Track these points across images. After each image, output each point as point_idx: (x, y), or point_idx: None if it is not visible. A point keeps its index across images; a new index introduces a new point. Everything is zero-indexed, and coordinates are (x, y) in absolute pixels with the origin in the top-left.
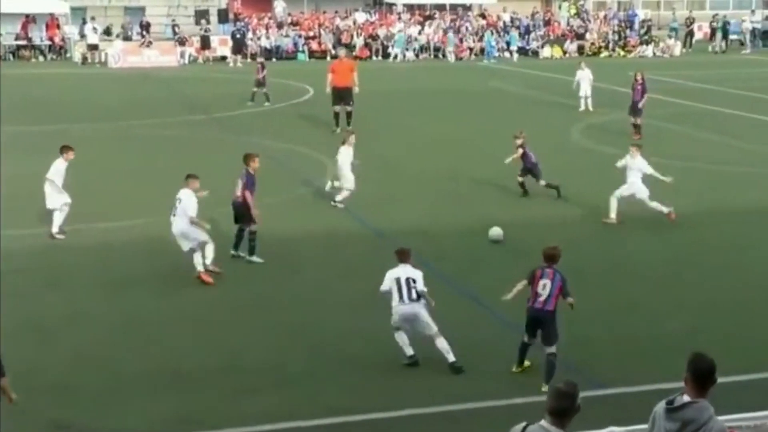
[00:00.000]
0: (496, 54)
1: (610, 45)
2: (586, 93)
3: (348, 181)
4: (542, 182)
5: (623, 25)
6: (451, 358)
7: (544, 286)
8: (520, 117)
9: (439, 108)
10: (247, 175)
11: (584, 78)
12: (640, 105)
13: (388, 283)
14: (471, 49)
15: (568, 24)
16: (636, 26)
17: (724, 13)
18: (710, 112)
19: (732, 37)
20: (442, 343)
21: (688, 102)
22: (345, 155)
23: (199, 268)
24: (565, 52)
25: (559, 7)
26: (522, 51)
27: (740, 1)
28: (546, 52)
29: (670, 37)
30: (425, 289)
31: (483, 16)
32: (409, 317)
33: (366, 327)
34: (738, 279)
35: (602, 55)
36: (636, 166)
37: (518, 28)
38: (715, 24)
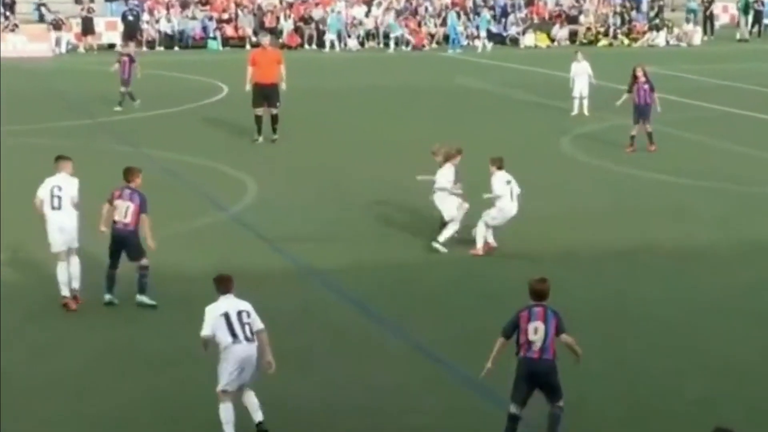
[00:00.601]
0: (464, 42)
1: (611, 31)
2: (582, 92)
3: (449, 211)
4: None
5: (628, 5)
6: (259, 417)
7: (536, 330)
8: (494, 122)
9: (389, 112)
10: (138, 195)
11: (580, 73)
12: (654, 107)
13: (211, 322)
14: (432, 36)
15: (557, 4)
16: (644, 7)
17: None
18: (737, 117)
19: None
20: (251, 398)
21: (709, 104)
22: (445, 177)
23: (65, 292)
24: (553, 40)
25: None
26: (497, 38)
27: None
28: (528, 39)
29: (687, 21)
30: (262, 326)
31: None
32: (247, 362)
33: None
34: None
35: (601, 43)
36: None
37: (492, 9)
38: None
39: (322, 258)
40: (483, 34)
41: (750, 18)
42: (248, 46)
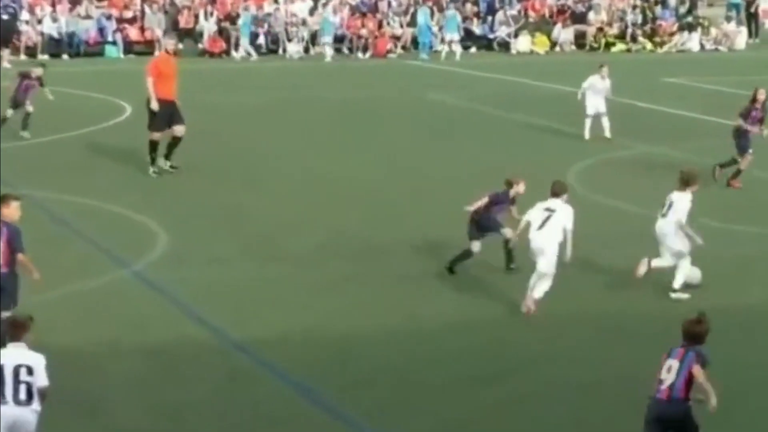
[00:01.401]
0: (439, 47)
1: (629, 32)
2: (598, 109)
3: (674, 250)
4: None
5: (650, 0)
6: None
7: (670, 369)
8: (481, 148)
9: (330, 137)
10: (7, 227)
11: (599, 90)
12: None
13: None
14: (397, 39)
15: None
16: (672, 2)
17: None
18: None
19: None
20: None
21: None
22: (682, 205)
23: None
24: (554, 44)
25: None
26: (482, 42)
27: None
28: (522, 43)
29: (728, 19)
30: (46, 384)
31: None
32: (15, 429)
33: None
34: None
35: (616, 48)
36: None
37: (475, 4)
38: None
39: (247, 324)
40: (450, 36)
41: None
42: (157, 52)
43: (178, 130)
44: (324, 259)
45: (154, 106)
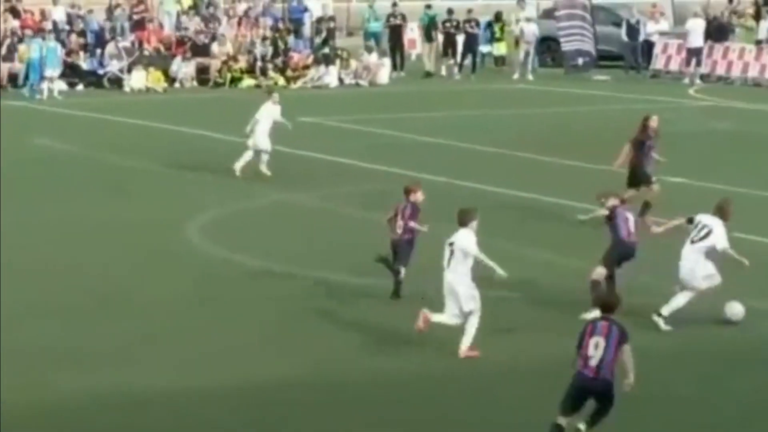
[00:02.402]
0: (44, 86)
1: (258, 66)
2: (264, 145)
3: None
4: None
5: (282, 28)
6: None
7: (597, 345)
8: (91, 200)
9: None
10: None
11: (266, 117)
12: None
13: None
14: None
15: (178, 28)
16: (306, 30)
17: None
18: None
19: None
20: None
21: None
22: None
23: None
24: (173, 80)
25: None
26: (91, 78)
27: None
28: (137, 79)
29: (368, 50)
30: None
31: (15, 12)
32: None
33: None
34: None
35: (244, 83)
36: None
37: (81, 35)
38: (451, 26)
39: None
40: (51, 72)
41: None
42: None
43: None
44: None
45: None
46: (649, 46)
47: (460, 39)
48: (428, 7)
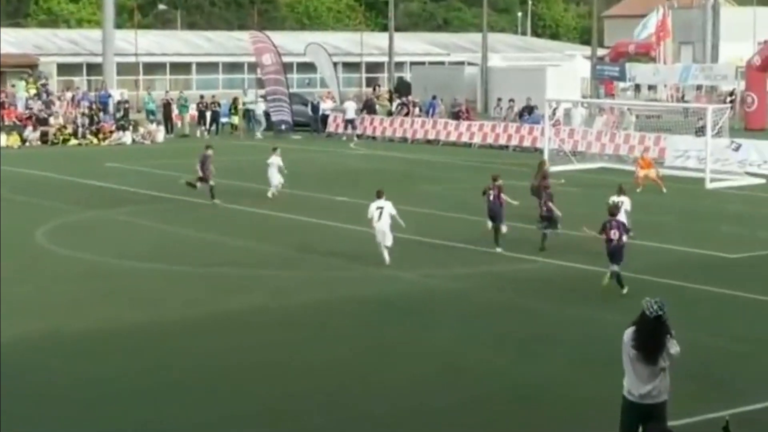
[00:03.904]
0: None
1: (80, 131)
2: (276, 181)
3: None
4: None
5: (95, 107)
6: None
7: (615, 233)
8: None
9: None
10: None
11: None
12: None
13: None
14: None
15: (27, 107)
16: (111, 109)
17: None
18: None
19: (224, 120)
20: None
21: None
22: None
23: None
24: (24, 141)
25: (14, 86)
26: None
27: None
28: (2, 140)
29: (150, 121)
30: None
31: None
32: None
33: None
34: None
35: (71, 142)
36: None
37: None
38: (203, 106)
39: None
40: None
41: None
42: None
43: None
44: None
45: None
46: (324, 117)
47: (209, 114)
48: (182, 93)
